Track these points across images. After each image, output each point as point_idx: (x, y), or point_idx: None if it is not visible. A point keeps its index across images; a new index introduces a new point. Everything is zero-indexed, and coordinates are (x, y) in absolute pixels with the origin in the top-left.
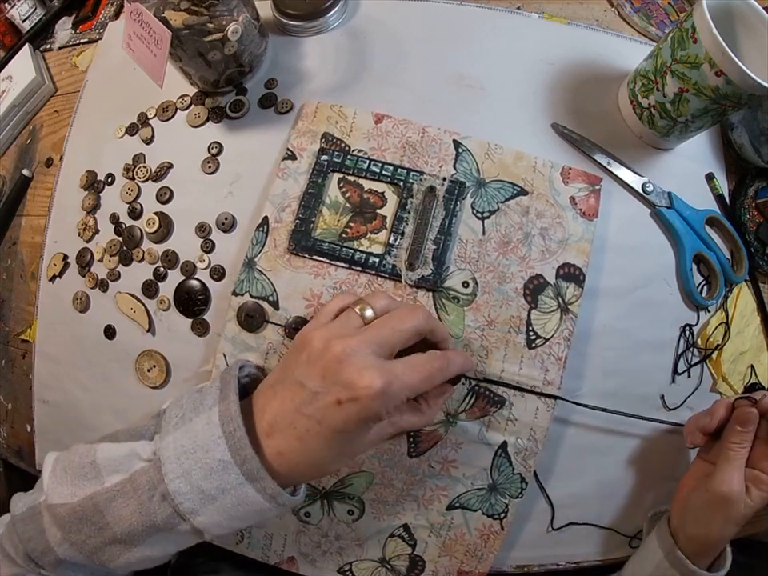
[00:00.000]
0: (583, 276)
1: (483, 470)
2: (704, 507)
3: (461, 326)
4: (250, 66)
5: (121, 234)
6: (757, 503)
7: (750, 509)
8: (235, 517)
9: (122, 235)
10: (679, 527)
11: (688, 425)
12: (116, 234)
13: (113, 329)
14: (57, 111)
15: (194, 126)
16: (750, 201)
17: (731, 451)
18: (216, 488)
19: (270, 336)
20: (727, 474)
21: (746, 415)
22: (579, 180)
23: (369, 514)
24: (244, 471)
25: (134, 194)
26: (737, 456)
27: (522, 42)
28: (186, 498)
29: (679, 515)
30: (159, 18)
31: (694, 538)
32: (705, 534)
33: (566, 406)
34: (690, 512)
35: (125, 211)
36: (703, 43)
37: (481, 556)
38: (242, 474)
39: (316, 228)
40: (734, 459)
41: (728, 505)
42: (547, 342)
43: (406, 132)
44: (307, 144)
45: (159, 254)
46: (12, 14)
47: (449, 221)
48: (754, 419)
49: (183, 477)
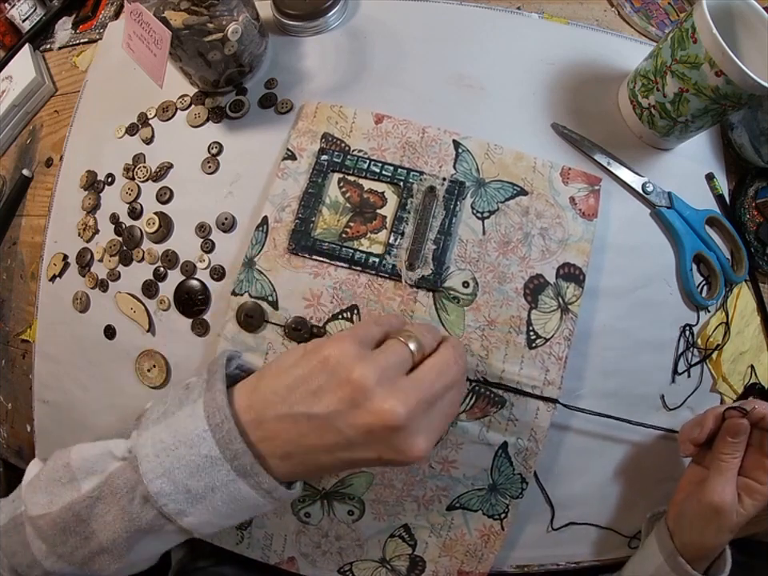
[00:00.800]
0: (583, 276)
1: (483, 471)
2: (697, 517)
3: (461, 326)
4: (250, 66)
5: (121, 234)
6: (749, 512)
7: (742, 517)
8: (226, 515)
9: (122, 235)
10: (675, 532)
11: (681, 434)
12: (116, 234)
13: (113, 329)
14: (57, 111)
15: (194, 126)
16: (750, 201)
17: (723, 462)
18: (204, 486)
19: (270, 336)
20: (719, 485)
21: (737, 426)
22: (579, 180)
23: (369, 514)
24: (235, 467)
25: (134, 194)
26: (728, 467)
27: (522, 41)
28: (170, 498)
29: (675, 520)
30: (159, 18)
31: (688, 545)
32: (699, 542)
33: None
34: (685, 519)
35: (125, 211)
36: (703, 43)
37: (481, 556)
38: (232, 470)
39: (316, 228)
40: (726, 470)
41: (720, 515)
42: (548, 341)
43: (406, 132)
44: (307, 144)
45: (159, 254)
46: (12, 14)
47: (449, 221)
48: (745, 430)
49: (165, 476)
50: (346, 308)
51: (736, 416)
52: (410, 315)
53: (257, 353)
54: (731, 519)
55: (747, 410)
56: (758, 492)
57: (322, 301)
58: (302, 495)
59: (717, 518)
